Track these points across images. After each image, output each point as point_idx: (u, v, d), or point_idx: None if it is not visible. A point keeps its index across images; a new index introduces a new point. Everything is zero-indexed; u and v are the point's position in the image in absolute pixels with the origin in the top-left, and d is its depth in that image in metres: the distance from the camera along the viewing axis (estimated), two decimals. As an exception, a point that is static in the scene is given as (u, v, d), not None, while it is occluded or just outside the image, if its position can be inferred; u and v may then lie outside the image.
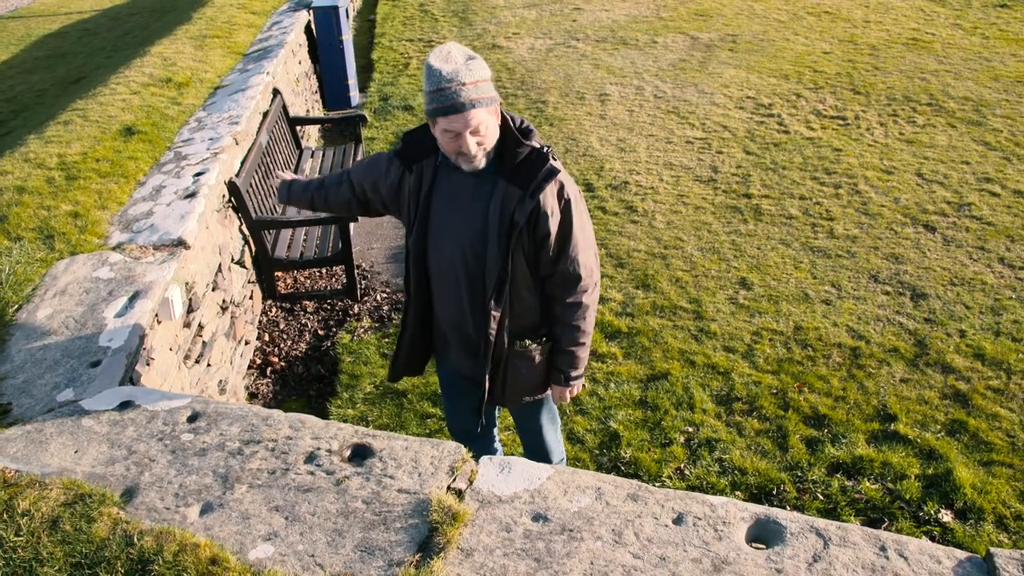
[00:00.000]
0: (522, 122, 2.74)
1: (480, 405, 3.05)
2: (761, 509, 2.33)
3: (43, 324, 3.38)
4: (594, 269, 2.88)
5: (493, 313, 2.80)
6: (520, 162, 2.66)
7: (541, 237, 2.71)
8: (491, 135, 2.61)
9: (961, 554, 2.18)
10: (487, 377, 2.94)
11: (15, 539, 2.29)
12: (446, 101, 2.47)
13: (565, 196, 2.72)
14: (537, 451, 3.43)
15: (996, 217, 6.31)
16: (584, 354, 2.99)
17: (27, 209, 4.29)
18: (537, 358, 3.00)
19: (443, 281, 2.90)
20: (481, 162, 2.63)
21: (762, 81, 9.50)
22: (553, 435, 3.44)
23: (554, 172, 2.66)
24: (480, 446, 3.29)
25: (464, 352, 3.03)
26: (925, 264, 5.74)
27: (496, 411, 3.43)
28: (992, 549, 2.16)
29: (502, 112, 2.69)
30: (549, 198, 2.68)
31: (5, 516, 2.37)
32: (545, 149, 2.69)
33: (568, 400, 3.12)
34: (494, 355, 2.90)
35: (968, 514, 3.75)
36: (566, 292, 2.84)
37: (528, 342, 2.96)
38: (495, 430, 3.51)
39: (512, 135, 2.66)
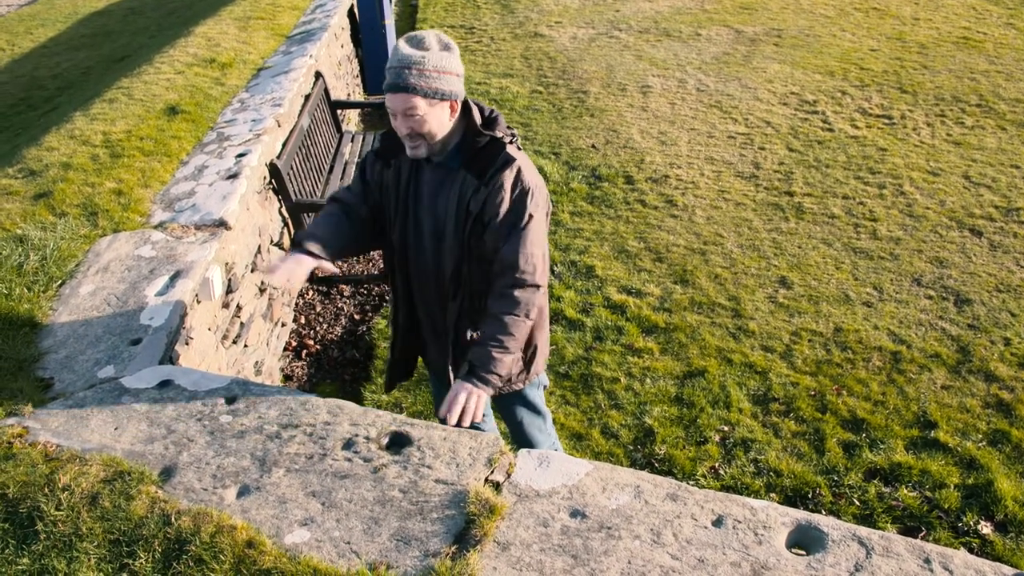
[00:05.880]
0: (490, 112, 2.72)
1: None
2: (802, 514, 2.29)
3: (85, 300, 3.41)
4: (537, 268, 2.68)
5: (451, 304, 2.80)
6: (478, 151, 2.64)
7: (488, 220, 2.65)
8: (432, 127, 2.56)
9: (1008, 570, 2.12)
10: (450, 366, 2.92)
11: (55, 513, 2.31)
12: (389, 79, 2.50)
13: (521, 185, 2.64)
14: (523, 446, 3.22)
15: (1046, 223, 6.16)
16: (500, 357, 2.66)
17: (72, 185, 4.33)
18: None
19: (420, 277, 2.88)
20: (422, 151, 2.61)
21: (807, 77, 9.35)
22: (538, 431, 3.30)
23: (510, 160, 2.63)
24: None
25: (436, 345, 3.03)
26: (970, 269, 5.62)
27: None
28: (1041, 566, 2.11)
29: (470, 103, 2.67)
30: (505, 186, 2.63)
31: (46, 490, 2.39)
32: (506, 138, 2.66)
33: (462, 407, 2.57)
34: (454, 345, 2.89)
35: (1009, 527, 3.67)
36: (500, 280, 2.68)
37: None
38: (487, 425, 3.40)
39: (473, 126, 2.65)
